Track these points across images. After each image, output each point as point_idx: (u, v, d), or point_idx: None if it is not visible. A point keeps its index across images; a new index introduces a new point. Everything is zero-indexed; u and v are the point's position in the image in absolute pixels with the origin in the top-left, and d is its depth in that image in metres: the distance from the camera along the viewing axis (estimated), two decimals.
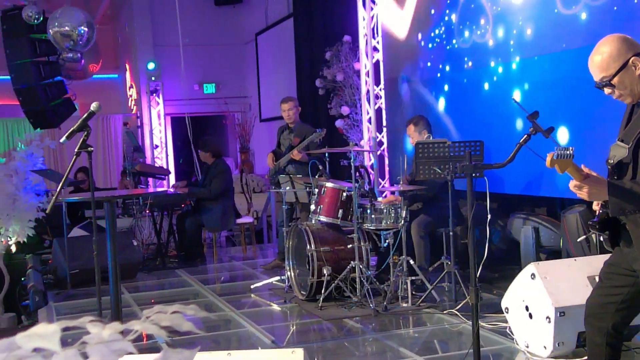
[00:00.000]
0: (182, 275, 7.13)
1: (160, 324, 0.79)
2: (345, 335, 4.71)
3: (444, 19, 6.72)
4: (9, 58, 9.00)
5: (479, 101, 6.25)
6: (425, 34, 7.08)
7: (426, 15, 7.04)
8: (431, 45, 6.98)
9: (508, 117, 5.82)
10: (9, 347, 0.73)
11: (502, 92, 5.90)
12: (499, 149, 5.77)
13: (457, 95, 6.64)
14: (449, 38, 6.64)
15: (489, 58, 6.06)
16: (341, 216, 5.45)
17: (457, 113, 6.66)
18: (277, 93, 10.91)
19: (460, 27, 6.45)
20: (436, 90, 6.97)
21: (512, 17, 5.74)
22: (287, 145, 6.88)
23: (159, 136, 12.27)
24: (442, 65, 6.81)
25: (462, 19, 6.43)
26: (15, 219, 6.11)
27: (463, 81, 6.48)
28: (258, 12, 12.17)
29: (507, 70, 5.86)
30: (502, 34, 5.88)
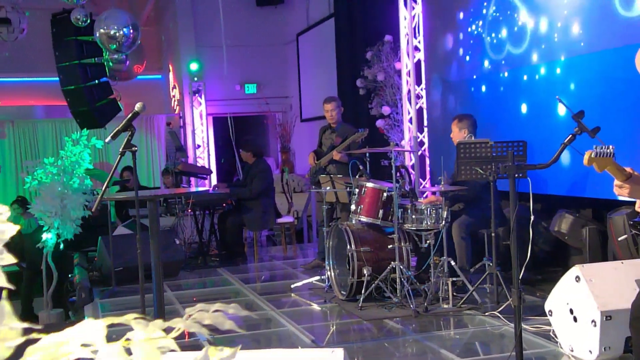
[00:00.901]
0: (223, 274, 7.20)
1: (202, 322, 0.81)
2: (385, 335, 4.69)
3: (481, 19, 6.64)
4: (58, 60, 9.22)
5: (520, 101, 6.16)
6: (463, 33, 7.01)
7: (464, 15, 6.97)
8: (472, 42, 6.91)
9: (552, 117, 5.72)
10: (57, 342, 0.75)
11: (545, 92, 5.81)
12: (543, 149, 5.68)
13: (497, 95, 6.55)
14: (488, 37, 6.56)
15: (530, 57, 5.97)
16: (381, 216, 5.43)
17: (497, 113, 6.58)
18: (318, 93, 10.93)
19: (499, 25, 6.37)
20: (476, 90, 6.89)
21: (555, 13, 5.64)
22: (328, 145, 6.89)
23: (201, 136, 12.40)
24: (481, 65, 6.73)
25: (500, 18, 6.34)
26: (63, 218, 6.25)
27: (503, 81, 6.40)
28: (299, 13, 12.20)
29: (550, 69, 5.76)
30: (544, 31, 5.78)
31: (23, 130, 11.63)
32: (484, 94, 6.82)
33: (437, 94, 7.83)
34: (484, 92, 6.78)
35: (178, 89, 12.99)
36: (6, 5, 9.28)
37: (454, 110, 7.16)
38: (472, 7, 6.92)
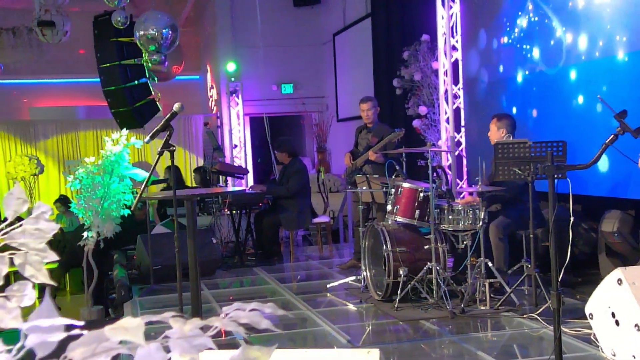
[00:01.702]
0: (259, 273, 7.24)
1: (238, 321, 0.81)
2: (421, 336, 4.66)
3: (520, 17, 6.56)
4: (99, 61, 9.39)
5: (559, 101, 6.07)
6: (501, 32, 6.93)
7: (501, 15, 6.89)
8: (510, 40, 6.82)
9: (593, 117, 5.61)
10: (98, 339, 0.76)
11: (585, 91, 5.71)
12: (584, 150, 5.58)
13: (535, 96, 6.46)
14: (525, 37, 6.48)
15: (569, 57, 5.88)
16: (418, 217, 5.40)
17: (536, 114, 6.49)
18: (355, 93, 10.91)
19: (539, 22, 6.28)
20: (512, 90, 6.80)
21: (589, 15, 5.54)
22: (364, 145, 6.87)
23: (237, 136, 12.50)
24: (520, 64, 6.65)
25: (538, 16, 6.25)
26: (103, 216, 6.36)
27: (542, 80, 6.30)
28: (336, 13, 12.20)
29: (589, 68, 5.65)
30: (579, 33, 5.68)
31: (65, 130, 11.87)
32: (523, 94, 6.72)
33: (474, 93, 7.75)
34: (524, 92, 6.69)
35: (215, 89, 13.11)
36: (51, 9, 9.48)
37: (492, 110, 7.08)
38: (511, 5, 6.83)
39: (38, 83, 13.72)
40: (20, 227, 1.03)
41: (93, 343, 0.76)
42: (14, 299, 1.02)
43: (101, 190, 6.35)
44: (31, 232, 1.03)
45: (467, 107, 7.82)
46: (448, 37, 7.78)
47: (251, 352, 0.81)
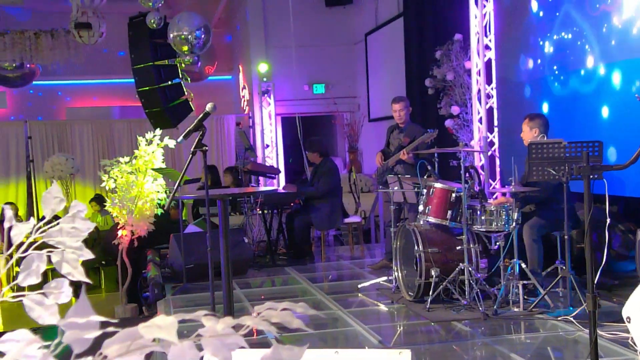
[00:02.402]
0: (290, 273, 7.26)
1: (270, 320, 0.82)
2: (453, 338, 4.63)
3: (555, 16, 6.47)
4: (133, 62, 9.52)
5: (596, 101, 5.97)
6: (535, 31, 6.84)
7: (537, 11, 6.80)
8: (541, 42, 6.73)
9: (631, 118, 5.51)
10: (132, 336, 0.77)
11: (623, 91, 5.60)
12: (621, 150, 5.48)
13: (570, 95, 6.36)
14: (561, 34, 6.38)
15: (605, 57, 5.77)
16: (450, 217, 5.36)
17: (570, 114, 6.39)
18: (386, 93, 10.87)
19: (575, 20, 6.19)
20: (546, 91, 6.71)
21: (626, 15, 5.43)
22: (396, 145, 6.85)
23: (269, 136, 12.55)
24: (554, 64, 6.55)
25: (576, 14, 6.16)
26: (138, 215, 6.44)
27: (577, 80, 6.21)
28: (368, 12, 12.18)
29: (627, 67, 5.55)
30: (615, 32, 5.58)
31: (100, 130, 12.04)
32: (556, 94, 6.63)
33: (508, 93, 7.67)
34: (557, 92, 6.60)
35: (247, 89, 13.18)
36: (88, 11, 9.65)
37: (525, 110, 7.00)
38: (546, 4, 6.74)
39: (74, 84, 13.96)
40: (57, 225, 1.05)
41: (127, 340, 0.77)
42: (52, 295, 1.04)
43: (135, 190, 6.44)
44: (68, 230, 1.05)
45: (500, 106, 7.74)
46: (481, 36, 7.70)
47: (283, 351, 0.81)
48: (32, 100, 13.82)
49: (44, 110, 13.80)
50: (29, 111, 13.43)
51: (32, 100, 13.82)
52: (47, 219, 1.04)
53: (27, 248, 1.03)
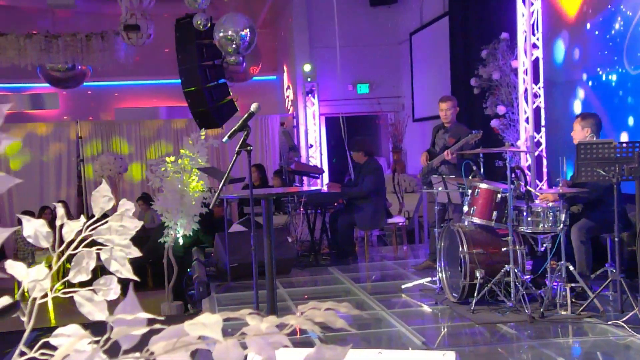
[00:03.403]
0: (334, 273, 7.26)
1: (314, 320, 0.82)
2: (498, 340, 4.57)
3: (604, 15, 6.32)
4: (180, 63, 9.66)
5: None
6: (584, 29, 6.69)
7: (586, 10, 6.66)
8: (593, 39, 6.59)
9: None
10: (177, 333, 0.78)
11: None
12: None
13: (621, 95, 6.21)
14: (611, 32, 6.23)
15: None
16: (495, 218, 5.29)
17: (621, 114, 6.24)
18: (431, 93, 10.79)
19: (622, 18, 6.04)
20: (600, 89, 6.56)
21: None
22: (441, 145, 6.79)
23: (313, 136, 12.58)
24: (605, 63, 6.40)
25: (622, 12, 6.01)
26: (183, 214, 6.54)
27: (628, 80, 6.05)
28: (413, 12, 12.10)
29: None
30: None
31: (148, 130, 12.25)
32: (607, 93, 6.48)
33: (556, 92, 7.53)
34: (608, 91, 6.44)
35: (292, 89, 13.24)
36: (136, 13, 9.84)
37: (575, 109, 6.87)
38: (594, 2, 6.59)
39: (123, 85, 14.25)
40: (106, 223, 1.07)
41: (173, 338, 0.78)
42: (101, 292, 1.06)
43: (181, 189, 6.53)
44: (116, 228, 1.08)
45: (547, 106, 7.60)
46: (528, 35, 7.58)
47: (326, 351, 0.82)
48: (82, 101, 14.16)
49: (93, 111, 14.13)
50: (80, 111, 13.76)
51: (83, 100, 14.15)
52: (97, 217, 1.07)
53: (78, 245, 1.05)
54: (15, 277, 1.04)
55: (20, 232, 1.04)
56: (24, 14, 13.12)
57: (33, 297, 1.02)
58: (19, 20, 12.86)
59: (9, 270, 1.04)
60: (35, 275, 1.03)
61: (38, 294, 1.03)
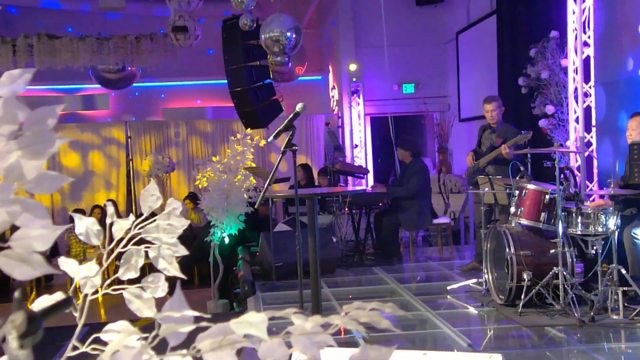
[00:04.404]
0: (378, 273, 7.24)
1: (358, 320, 0.82)
2: (546, 344, 4.48)
3: None
4: (227, 63, 9.76)
5: None
6: None
7: None
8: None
9: None
10: (223, 331, 0.79)
11: None
12: None
13: None
14: None
15: None
16: (544, 220, 5.20)
17: None
18: (478, 92, 10.66)
19: None
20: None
21: None
22: (487, 146, 6.71)
23: (358, 136, 12.56)
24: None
25: None
26: (228, 213, 6.60)
27: None
28: (460, 11, 11.98)
29: None
30: None
31: (194, 130, 12.42)
32: None
33: (609, 91, 7.35)
34: None
35: (337, 89, 13.25)
36: (184, 14, 9.98)
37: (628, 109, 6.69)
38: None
39: (171, 85, 14.48)
40: (154, 222, 1.09)
41: (219, 335, 0.79)
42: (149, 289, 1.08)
43: (227, 188, 6.60)
44: (164, 227, 1.09)
45: (599, 105, 7.43)
46: (579, 33, 7.41)
47: (371, 351, 0.82)
48: (131, 102, 14.44)
49: (142, 111, 14.39)
50: (129, 112, 14.04)
51: (132, 101, 14.43)
52: (145, 216, 1.09)
53: (127, 243, 1.08)
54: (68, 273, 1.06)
55: (73, 229, 1.07)
56: (77, 17, 13.46)
57: (84, 293, 1.05)
58: (72, 23, 13.20)
59: (62, 266, 1.07)
60: (87, 272, 1.06)
61: (89, 290, 1.05)
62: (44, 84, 13.17)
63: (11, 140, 0.85)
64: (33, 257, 0.85)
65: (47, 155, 0.86)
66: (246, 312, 0.79)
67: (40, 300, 0.96)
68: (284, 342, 0.80)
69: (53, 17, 13.41)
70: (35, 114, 0.86)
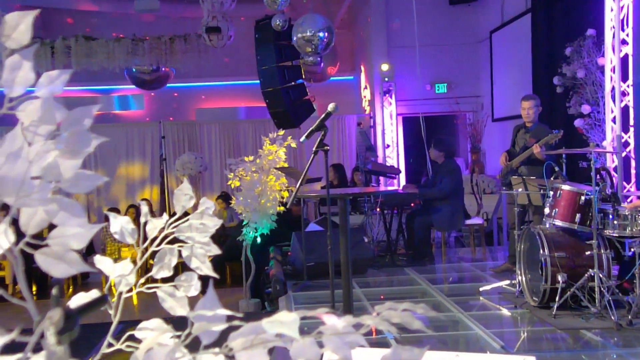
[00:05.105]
0: (410, 274, 7.21)
1: (390, 321, 0.82)
2: (582, 347, 4.41)
3: None
4: (259, 64, 9.81)
5: None
6: None
7: None
8: None
9: None
10: (255, 330, 0.80)
11: None
12: None
13: None
14: None
15: None
16: (579, 221, 5.12)
17: None
18: (512, 92, 10.54)
19: None
20: None
21: None
22: (521, 145, 6.63)
23: (390, 136, 12.52)
24: None
25: None
26: (260, 213, 6.63)
27: None
28: (494, 10, 11.86)
29: None
30: None
31: (227, 130, 12.50)
32: None
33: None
34: None
35: (369, 89, 13.22)
36: (217, 15, 10.07)
37: None
38: None
39: (204, 86, 14.61)
40: (187, 221, 1.10)
41: (252, 335, 0.80)
42: (182, 288, 1.09)
43: (259, 188, 6.63)
44: (197, 226, 1.10)
45: (637, 104, 7.28)
46: (617, 31, 7.28)
47: (403, 352, 0.81)
48: (165, 102, 14.61)
49: (176, 111, 14.55)
50: (163, 112, 14.21)
51: (166, 101, 14.60)
52: (178, 215, 1.10)
53: (161, 242, 1.09)
54: (103, 271, 1.08)
55: (108, 228, 1.08)
56: (112, 19, 13.67)
57: (119, 291, 1.06)
58: (108, 25, 13.41)
59: (97, 264, 1.09)
60: (121, 270, 1.07)
61: (124, 288, 1.07)
62: (80, 85, 13.41)
63: (49, 140, 0.86)
64: (70, 255, 0.87)
65: (84, 154, 0.87)
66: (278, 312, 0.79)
67: (76, 297, 0.97)
68: (316, 341, 0.81)
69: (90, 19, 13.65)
70: (72, 114, 0.88)
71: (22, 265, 0.84)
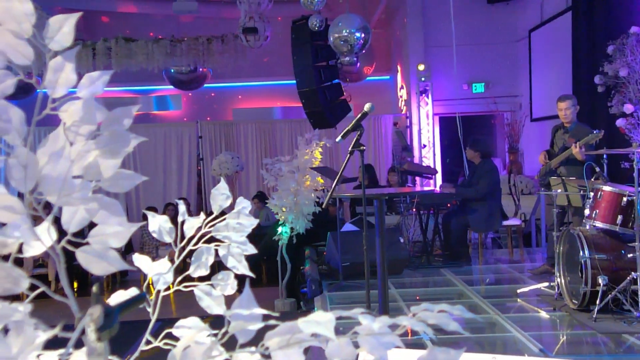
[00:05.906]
0: (446, 275, 7.15)
1: (427, 322, 0.81)
2: (624, 352, 4.32)
3: None
4: (295, 64, 9.85)
5: None
6: None
7: None
8: None
9: None
10: (291, 330, 0.80)
11: None
12: None
13: None
14: None
15: None
16: (620, 222, 5.01)
17: None
18: (551, 91, 10.38)
19: None
20: None
21: None
22: (560, 146, 6.52)
23: (427, 136, 12.44)
24: None
25: None
26: (297, 212, 6.66)
27: None
28: (533, 8, 11.69)
29: None
30: None
31: (263, 130, 12.57)
32: None
33: None
34: None
35: (405, 89, 13.16)
36: (254, 16, 10.14)
37: None
38: None
39: (240, 86, 14.72)
40: (224, 220, 1.11)
41: (287, 334, 0.80)
42: (219, 287, 1.10)
43: (295, 187, 6.65)
44: (233, 225, 1.11)
45: None
46: None
47: (439, 353, 0.81)
48: (202, 102, 14.75)
49: (213, 111, 14.69)
50: (200, 112, 14.35)
51: (203, 102, 14.74)
52: (215, 214, 1.11)
53: (198, 241, 1.10)
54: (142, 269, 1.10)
55: (146, 227, 1.10)
56: (151, 21, 13.86)
57: (157, 289, 1.08)
58: (147, 26, 13.60)
59: (135, 263, 1.11)
60: (159, 268, 1.09)
61: (162, 286, 1.08)
62: (120, 86, 13.63)
63: (90, 140, 0.88)
64: (109, 253, 0.88)
65: (123, 154, 0.89)
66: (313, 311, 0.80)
67: (116, 295, 0.99)
68: (351, 342, 0.80)
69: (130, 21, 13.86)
70: (112, 114, 0.89)
71: (64, 263, 0.86)
